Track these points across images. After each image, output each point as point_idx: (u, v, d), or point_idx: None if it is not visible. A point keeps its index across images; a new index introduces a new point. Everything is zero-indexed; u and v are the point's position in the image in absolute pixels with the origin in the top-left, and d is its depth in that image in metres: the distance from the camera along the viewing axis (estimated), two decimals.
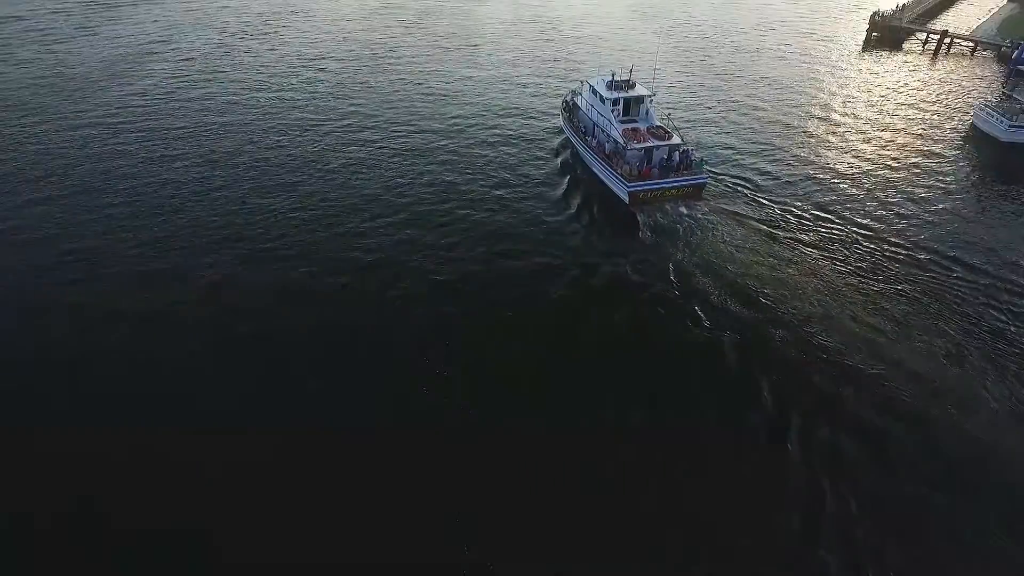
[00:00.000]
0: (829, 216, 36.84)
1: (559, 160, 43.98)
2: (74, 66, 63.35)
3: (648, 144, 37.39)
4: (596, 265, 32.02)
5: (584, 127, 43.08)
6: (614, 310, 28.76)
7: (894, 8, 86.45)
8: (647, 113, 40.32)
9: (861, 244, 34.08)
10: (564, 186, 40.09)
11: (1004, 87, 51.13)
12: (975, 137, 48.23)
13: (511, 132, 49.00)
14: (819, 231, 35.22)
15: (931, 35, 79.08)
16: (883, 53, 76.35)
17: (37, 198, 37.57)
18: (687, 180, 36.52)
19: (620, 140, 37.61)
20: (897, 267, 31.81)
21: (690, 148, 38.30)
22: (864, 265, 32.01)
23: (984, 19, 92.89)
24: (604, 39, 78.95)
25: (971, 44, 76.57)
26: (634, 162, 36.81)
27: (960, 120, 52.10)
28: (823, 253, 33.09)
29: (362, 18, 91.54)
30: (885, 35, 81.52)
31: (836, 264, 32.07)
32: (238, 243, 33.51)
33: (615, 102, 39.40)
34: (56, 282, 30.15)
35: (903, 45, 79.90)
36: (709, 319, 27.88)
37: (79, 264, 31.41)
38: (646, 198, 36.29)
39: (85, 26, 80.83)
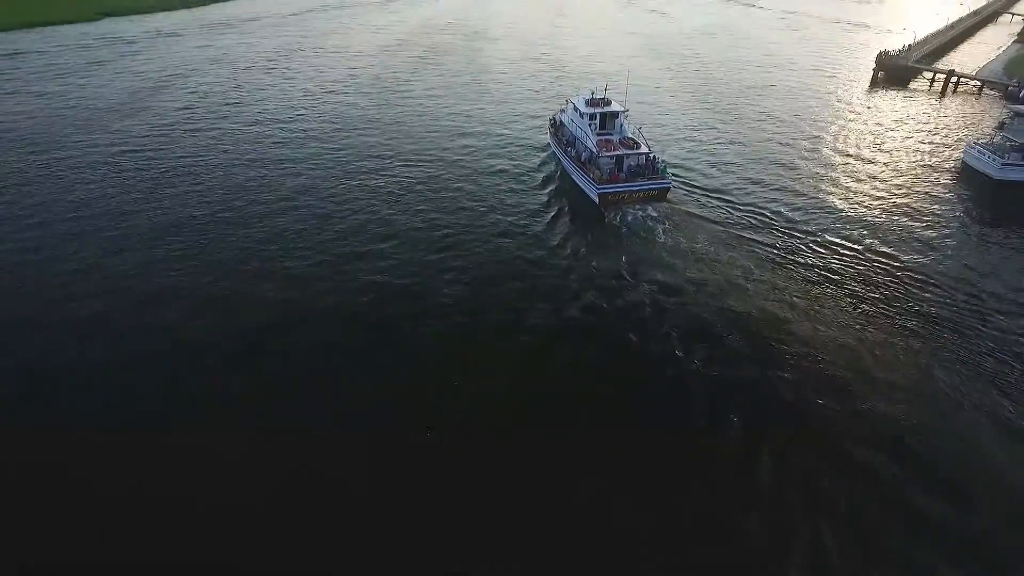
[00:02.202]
0: (824, 242, 37.29)
1: (544, 174, 47.59)
2: (92, 99, 64.45)
3: (618, 153, 42.27)
4: (569, 267, 33.97)
5: (567, 140, 47.73)
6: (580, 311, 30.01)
7: (900, 48, 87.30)
8: (620, 127, 45.50)
9: (855, 266, 33.89)
10: (546, 194, 43.93)
11: (998, 126, 51.03)
12: (965, 174, 48.71)
13: (507, 164, 49.67)
14: (805, 253, 35.94)
15: (938, 74, 79.48)
16: (890, 91, 76.67)
17: (62, 218, 37.58)
18: (651, 184, 40.99)
19: (594, 149, 42.45)
20: (900, 300, 30.72)
21: (656, 156, 42.78)
22: (860, 288, 31.23)
23: (990, 59, 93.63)
24: (611, 76, 79.83)
25: (978, 83, 76.81)
26: (605, 168, 41.42)
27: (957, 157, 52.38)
28: (805, 270, 33.92)
29: (374, 54, 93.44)
30: (891, 74, 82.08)
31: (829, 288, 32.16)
32: (244, 264, 33.56)
33: (592, 116, 44.59)
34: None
35: (910, 84, 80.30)
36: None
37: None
38: (614, 199, 40.69)
39: (101, 61, 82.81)
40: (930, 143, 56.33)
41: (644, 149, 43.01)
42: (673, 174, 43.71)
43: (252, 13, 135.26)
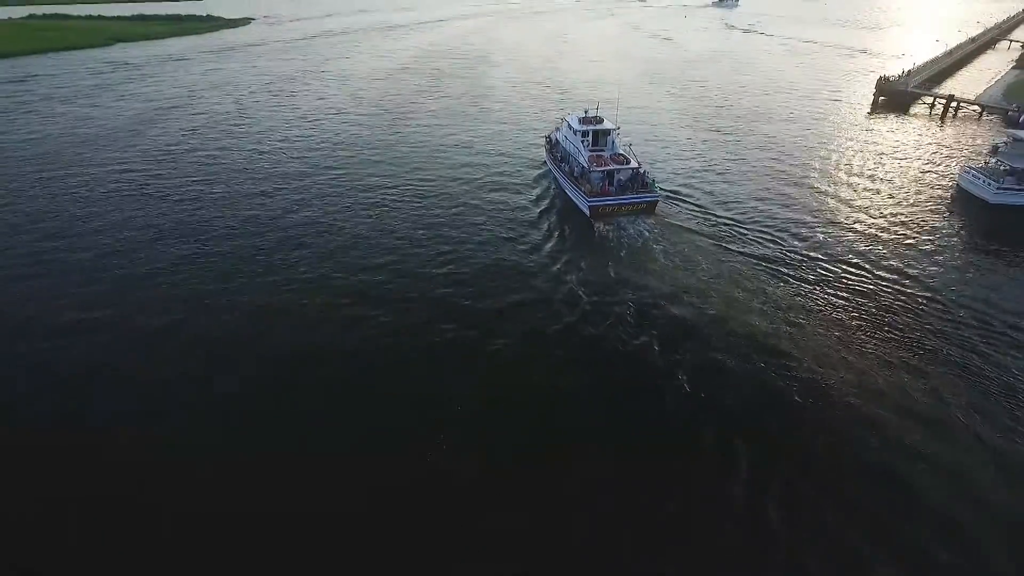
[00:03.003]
0: (819, 258, 37.43)
1: (540, 188, 49.16)
2: (101, 120, 65.20)
3: (609, 168, 43.62)
4: (558, 276, 34.65)
5: (561, 156, 49.49)
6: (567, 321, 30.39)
7: (900, 73, 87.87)
8: (612, 143, 46.97)
9: (849, 282, 33.18)
10: (541, 207, 45.27)
11: (992, 151, 50.88)
12: (960, 198, 48.46)
13: (506, 178, 50.21)
14: (799, 268, 36.21)
15: (938, 99, 79.74)
16: (890, 116, 76.88)
17: (73, 232, 37.54)
18: (640, 197, 42.42)
19: (586, 164, 44.03)
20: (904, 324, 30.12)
21: (646, 171, 44.14)
22: (851, 304, 30.43)
23: (989, 85, 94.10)
24: (611, 98, 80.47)
25: (977, 108, 76.98)
26: (596, 182, 43.07)
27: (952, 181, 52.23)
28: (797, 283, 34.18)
29: (381, 79, 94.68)
30: (892, 99, 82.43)
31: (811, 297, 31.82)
32: (257, 277, 33.34)
33: (584, 134, 46.40)
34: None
35: (910, 109, 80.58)
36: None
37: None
38: (604, 212, 42.17)
39: (109, 86, 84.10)
40: (928, 167, 56.16)
41: (634, 164, 44.38)
42: (674, 192, 45.09)
43: (257, 39, 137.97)
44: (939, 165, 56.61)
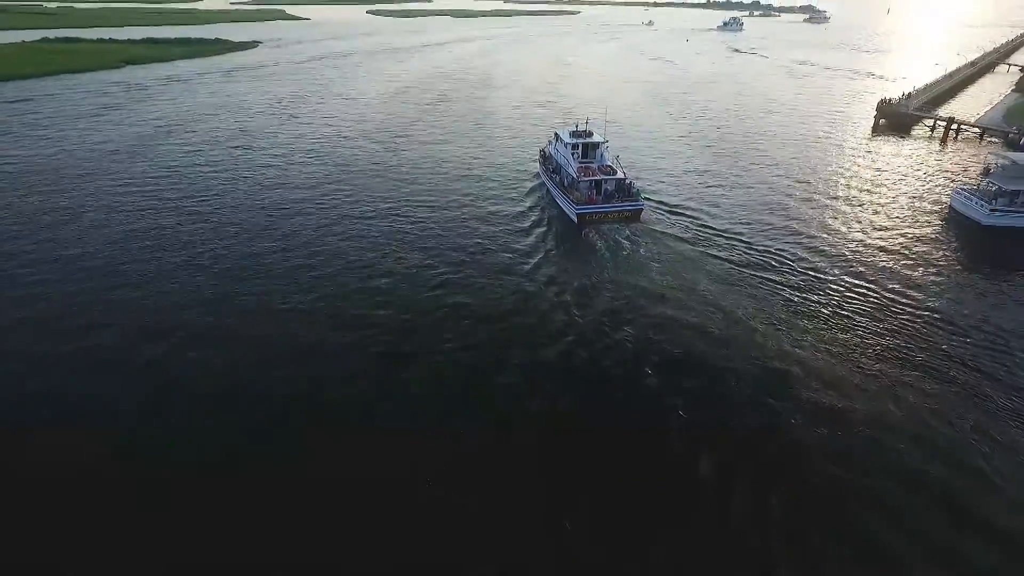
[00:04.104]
0: (818, 279, 37.37)
1: (532, 199, 51.78)
2: (102, 142, 65.69)
3: (596, 178, 46.48)
4: (548, 281, 36.26)
5: (553, 168, 52.28)
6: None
7: (901, 95, 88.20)
8: (600, 155, 49.66)
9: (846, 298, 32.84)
10: (533, 215, 47.98)
11: (983, 171, 50.69)
12: (953, 219, 48.16)
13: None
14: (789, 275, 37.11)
15: (938, 122, 79.86)
16: (891, 138, 76.92)
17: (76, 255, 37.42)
18: (625, 206, 44.85)
19: (575, 175, 46.69)
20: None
21: (632, 182, 46.77)
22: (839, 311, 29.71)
23: (989, 107, 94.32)
24: (616, 123, 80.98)
25: (978, 131, 76.96)
26: (584, 191, 45.69)
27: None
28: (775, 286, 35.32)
29: (381, 101, 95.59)
30: (892, 121, 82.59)
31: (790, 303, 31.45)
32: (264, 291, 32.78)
33: (574, 146, 49.18)
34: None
35: (911, 131, 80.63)
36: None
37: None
38: (591, 219, 44.45)
39: (115, 106, 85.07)
40: (927, 188, 56.05)
41: (620, 175, 47.17)
42: (676, 208, 47.84)
43: (265, 61, 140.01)
44: (939, 186, 56.39)
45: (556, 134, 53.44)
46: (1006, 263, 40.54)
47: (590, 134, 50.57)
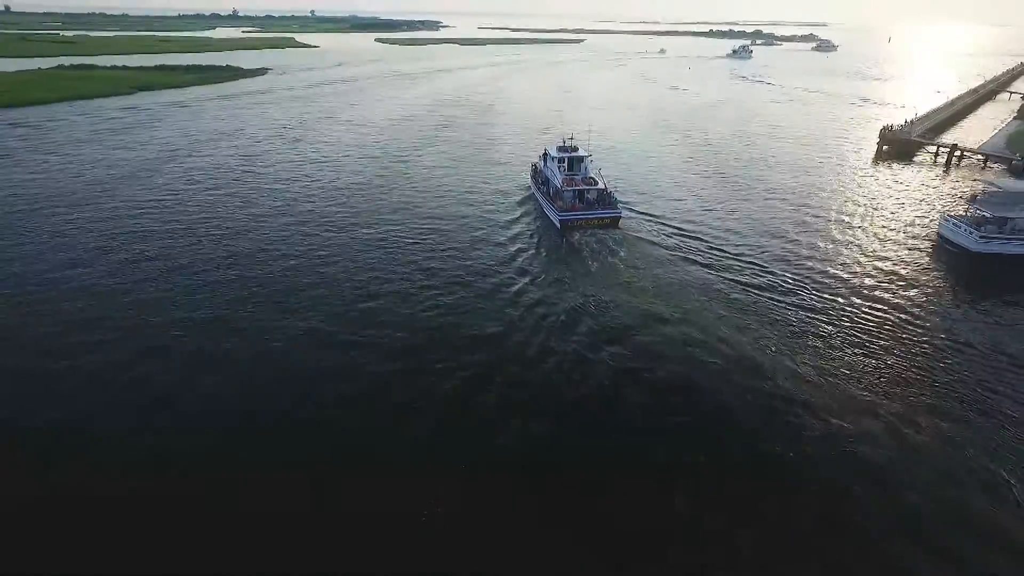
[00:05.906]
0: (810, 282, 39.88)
1: (524, 208, 56.87)
2: (110, 166, 66.71)
3: (579, 187, 51.65)
4: (529, 280, 39.87)
5: (542, 180, 57.56)
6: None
7: (903, 122, 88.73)
8: (585, 168, 54.96)
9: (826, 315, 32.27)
10: (522, 221, 52.99)
11: (970, 198, 50.60)
12: (942, 246, 48.21)
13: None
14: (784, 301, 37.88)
15: (941, 148, 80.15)
16: (894, 164, 77.16)
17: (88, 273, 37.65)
18: (604, 213, 50.20)
19: (559, 185, 51.84)
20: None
21: (611, 192, 52.17)
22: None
23: (992, 134, 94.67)
24: (620, 150, 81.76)
25: (981, 157, 77.15)
26: (567, 199, 50.83)
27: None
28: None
29: (384, 126, 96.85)
30: (895, 147, 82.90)
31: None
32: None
33: (561, 160, 54.84)
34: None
35: (914, 157, 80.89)
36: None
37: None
38: (573, 225, 49.47)
39: (122, 130, 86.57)
40: (923, 215, 56.20)
41: (601, 185, 52.22)
42: (679, 228, 51.25)
43: (273, 87, 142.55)
44: (938, 211, 56.45)
45: (545, 150, 58.81)
46: (995, 286, 41.36)
47: (576, 148, 56.17)
